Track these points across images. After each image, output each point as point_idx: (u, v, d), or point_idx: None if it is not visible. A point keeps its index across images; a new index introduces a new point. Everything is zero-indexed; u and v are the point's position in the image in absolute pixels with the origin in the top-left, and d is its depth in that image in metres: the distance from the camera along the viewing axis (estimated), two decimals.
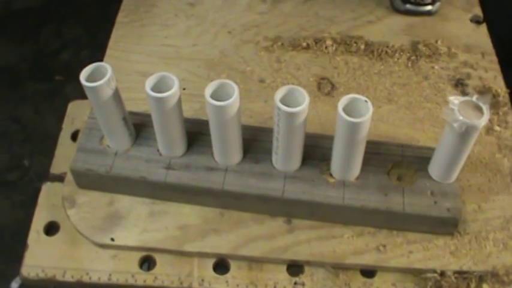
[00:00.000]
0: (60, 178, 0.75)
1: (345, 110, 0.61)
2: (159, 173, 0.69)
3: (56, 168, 0.77)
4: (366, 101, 0.62)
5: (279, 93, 0.62)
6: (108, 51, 0.86)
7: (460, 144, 0.62)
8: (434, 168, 0.67)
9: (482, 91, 0.80)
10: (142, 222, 0.70)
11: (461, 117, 0.59)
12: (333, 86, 0.82)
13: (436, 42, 0.87)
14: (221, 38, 0.88)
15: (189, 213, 0.71)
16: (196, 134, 0.72)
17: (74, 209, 0.71)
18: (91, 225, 0.70)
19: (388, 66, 0.84)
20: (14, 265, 0.73)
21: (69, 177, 0.73)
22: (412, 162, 0.69)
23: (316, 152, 0.70)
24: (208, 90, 0.63)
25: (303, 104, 0.61)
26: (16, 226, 1.37)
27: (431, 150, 0.68)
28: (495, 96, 0.79)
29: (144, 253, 0.69)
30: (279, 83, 0.82)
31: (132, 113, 0.73)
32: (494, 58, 0.85)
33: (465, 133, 0.60)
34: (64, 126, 0.82)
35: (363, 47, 0.85)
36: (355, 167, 0.67)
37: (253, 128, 0.73)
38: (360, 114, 0.61)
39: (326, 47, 0.86)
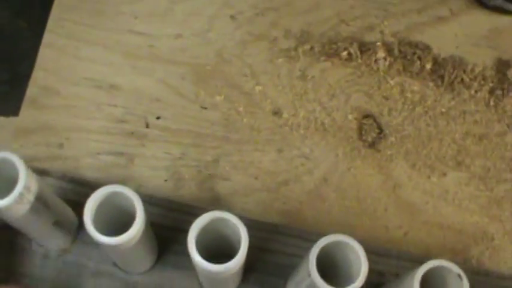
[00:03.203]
0: None
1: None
2: None
3: None
4: (459, 275, 0.33)
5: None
6: (47, 36, 0.52)
7: None
8: None
9: None
10: None
11: None
12: (380, 131, 0.51)
13: None
14: (220, 26, 0.54)
15: None
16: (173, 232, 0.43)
17: None
18: None
19: (462, 102, 0.53)
20: None
21: None
22: None
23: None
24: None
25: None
26: None
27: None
28: None
29: None
30: (302, 120, 0.51)
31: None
32: None
33: None
34: None
35: (429, 66, 0.53)
36: None
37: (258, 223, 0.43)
38: None
39: (376, 61, 0.53)
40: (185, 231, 0.43)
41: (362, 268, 0.34)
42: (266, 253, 0.44)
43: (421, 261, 0.46)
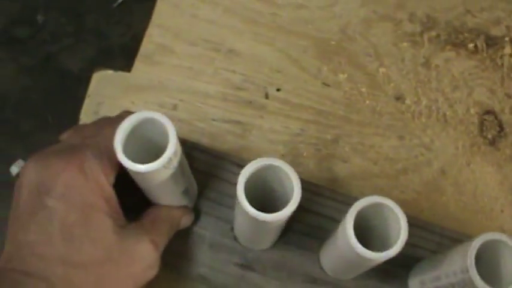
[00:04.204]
0: None
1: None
2: (228, 273, 0.38)
3: None
4: None
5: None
6: None
7: None
8: None
9: None
10: None
11: None
12: (501, 129, 0.48)
13: None
14: (345, 0, 0.50)
15: None
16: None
17: None
18: None
19: None
20: (15, 144, 0.59)
21: None
22: None
23: None
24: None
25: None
26: (20, 96, 1.03)
27: None
28: None
29: None
30: (424, 108, 0.48)
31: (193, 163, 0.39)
32: None
33: None
34: (85, 107, 0.47)
35: None
36: None
37: None
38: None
39: (501, 57, 0.50)
40: (310, 212, 0.41)
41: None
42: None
43: None
